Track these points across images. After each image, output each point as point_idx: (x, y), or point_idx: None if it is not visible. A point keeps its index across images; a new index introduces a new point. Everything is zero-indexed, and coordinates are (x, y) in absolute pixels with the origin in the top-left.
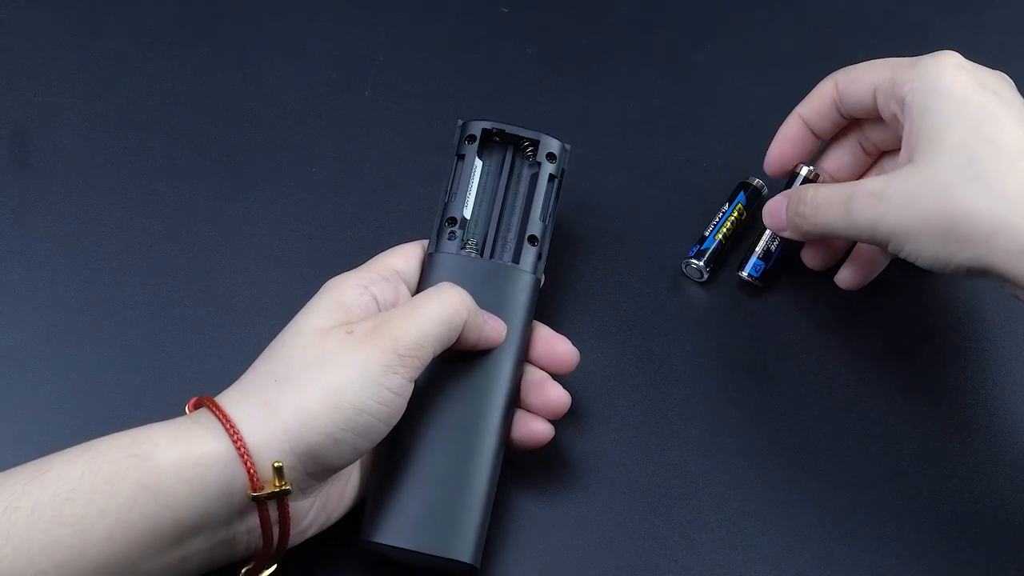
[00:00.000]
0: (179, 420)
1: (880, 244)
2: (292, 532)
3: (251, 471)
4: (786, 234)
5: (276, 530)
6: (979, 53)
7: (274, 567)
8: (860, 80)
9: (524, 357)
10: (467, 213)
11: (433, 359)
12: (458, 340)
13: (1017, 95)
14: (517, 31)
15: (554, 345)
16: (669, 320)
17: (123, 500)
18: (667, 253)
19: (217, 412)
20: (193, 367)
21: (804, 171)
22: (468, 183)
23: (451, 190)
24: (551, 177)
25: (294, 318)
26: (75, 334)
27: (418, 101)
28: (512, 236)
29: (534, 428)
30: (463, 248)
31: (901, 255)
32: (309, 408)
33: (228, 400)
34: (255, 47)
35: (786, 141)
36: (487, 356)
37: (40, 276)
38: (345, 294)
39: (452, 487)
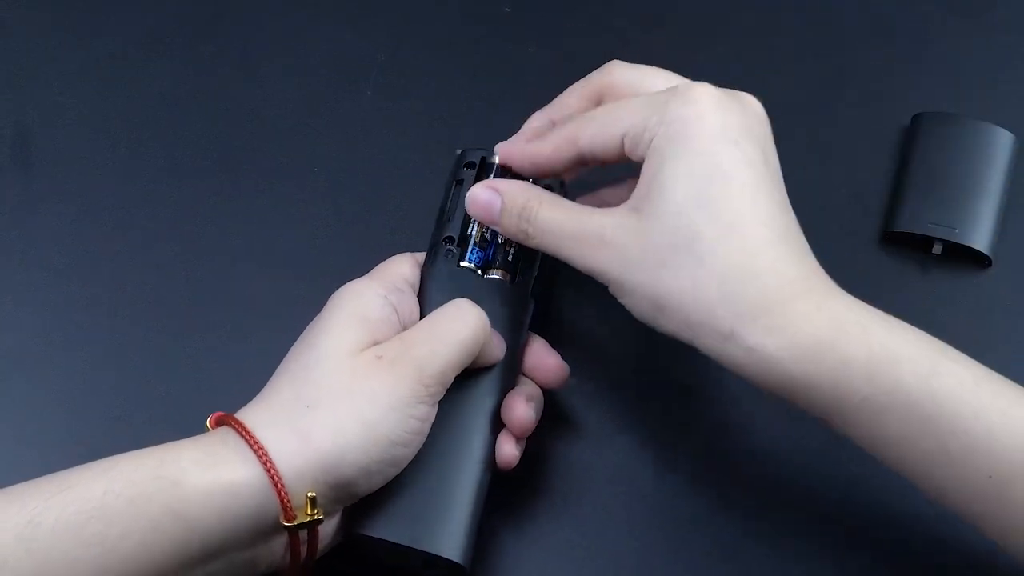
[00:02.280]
0: (205, 440)
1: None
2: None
3: (286, 502)
4: (502, 232)
5: (304, 550)
6: (979, 53)
7: None
8: (608, 129)
9: (517, 371)
10: (467, 231)
11: None
12: None
13: (757, 138)
14: (518, 31)
15: (545, 358)
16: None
17: (147, 523)
18: None
19: (247, 438)
20: (193, 367)
21: (496, 159)
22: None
23: (448, 213)
24: None
25: (316, 331)
26: (75, 334)
27: (419, 101)
28: (510, 254)
29: (502, 450)
30: (459, 265)
31: (620, 302)
32: (345, 441)
33: (257, 422)
34: (255, 47)
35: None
36: (481, 368)
37: (40, 276)
38: (368, 308)
39: (441, 489)
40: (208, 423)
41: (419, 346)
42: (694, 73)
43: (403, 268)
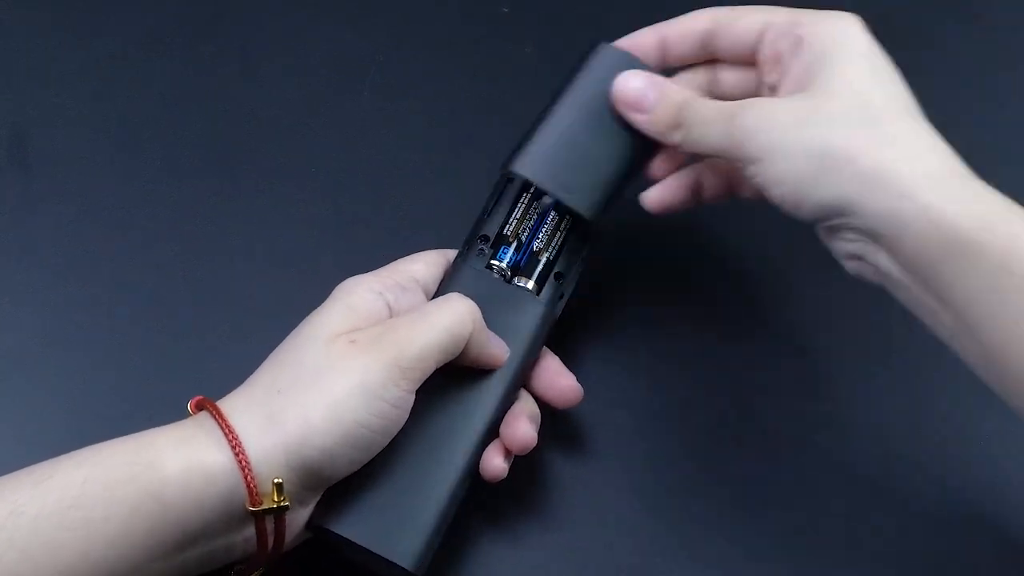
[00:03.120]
0: (182, 425)
1: (745, 160)
2: (288, 539)
3: (251, 486)
4: (645, 127)
5: (271, 540)
6: (979, 53)
7: (262, 570)
8: (747, 17)
9: (518, 386)
10: (503, 231)
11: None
12: (460, 353)
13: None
14: (517, 31)
15: (558, 379)
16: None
17: (127, 507)
18: (666, 254)
19: (220, 422)
20: (193, 367)
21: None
22: (510, 207)
23: (488, 208)
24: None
25: (306, 319)
26: (75, 334)
27: (418, 101)
28: (541, 265)
29: (491, 462)
30: (488, 267)
31: (758, 179)
32: (308, 422)
33: (232, 407)
34: (255, 47)
35: (635, 48)
36: (480, 376)
37: (40, 276)
38: (357, 298)
39: (412, 493)
40: (189, 406)
41: (399, 330)
42: None
43: (415, 266)
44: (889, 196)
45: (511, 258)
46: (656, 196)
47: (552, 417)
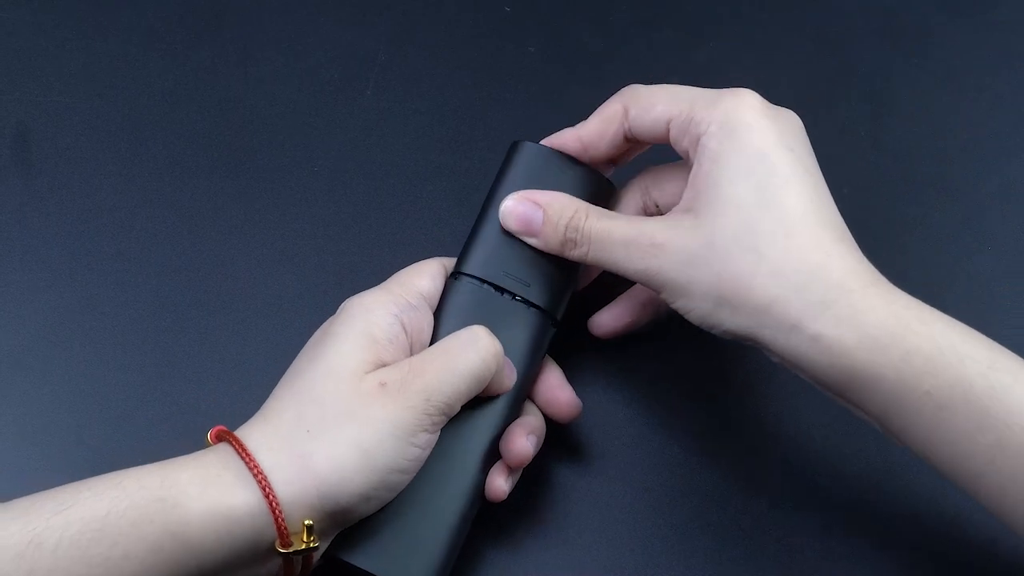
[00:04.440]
0: (206, 460)
1: (653, 289)
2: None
3: (283, 530)
4: (539, 246)
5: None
6: (979, 53)
7: None
8: (654, 108)
9: (522, 401)
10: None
11: None
12: None
13: (807, 147)
14: (519, 30)
15: (558, 392)
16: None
17: (149, 545)
18: None
19: (248, 461)
20: (194, 366)
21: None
22: None
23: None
24: None
25: (323, 348)
26: (77, 334)
27: (419, 100)
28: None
29: (493, 483)
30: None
31: (673, 307)
32: (343, 469)
33: (258, 445)
34: (256, 47)
35: (560, 148)
36: (484, 397)
37: (42, 276)
38: (376, 326)
39: (423, 519)
40: (208, 437)
41: (427, 375)
42: (693, 73)
43: (422, 281)
44: (782, 329)
45: None
46: (604, 321)
47: (557, 430)
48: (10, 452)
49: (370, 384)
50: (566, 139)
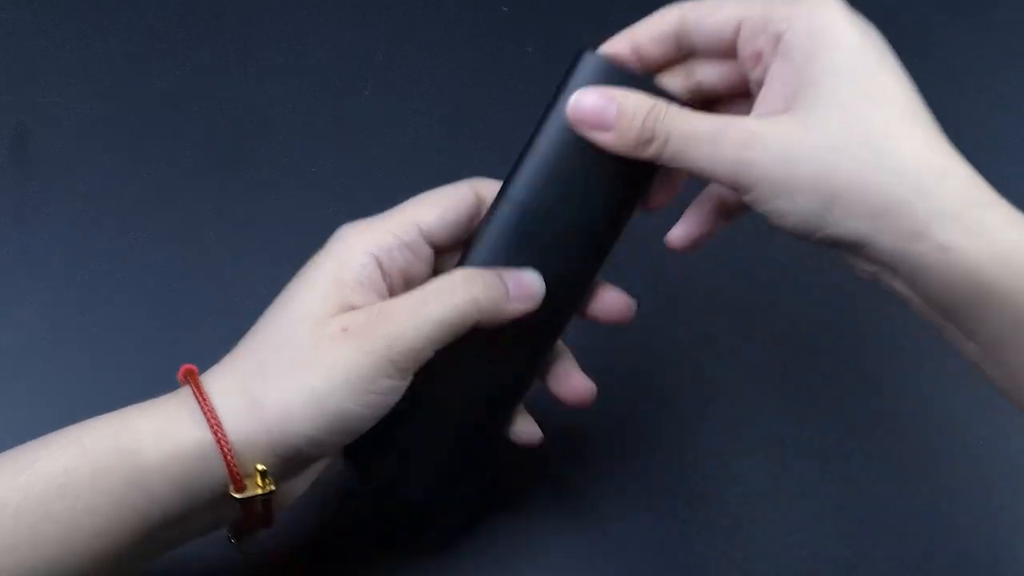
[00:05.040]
0: (164, 404)
1: (740, 190)
2: (278, 512)
3: (235, 474)
4: (613, 147)
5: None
6: (979, 53)
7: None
8: (720, 11)
9: (561, 328)
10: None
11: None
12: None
13: (893, 54)
14: (517, 30)
15: (571, 378)
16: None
17: (110, 497)
18: (666, 254)
19: (202, 403)
20: (194, 365)
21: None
22: None
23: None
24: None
25: (292, 290)
26: (76, 334)
27: (418, 100)
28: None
29: (526, 428)
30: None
31: (763, 210)
32: (290, 412)
33: (217, 388)
34: (256, 47)
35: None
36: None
37: (41, 276)
38: (348, 268)
39: (431, 440)
40: (179, 376)
41: (393, 320)
42: None
43: (423, 215)
44: (903, 236)
45: None
46: (680, 233)
47: (562, 432)
48: None
49: (332, 328)
50: (618, 45)
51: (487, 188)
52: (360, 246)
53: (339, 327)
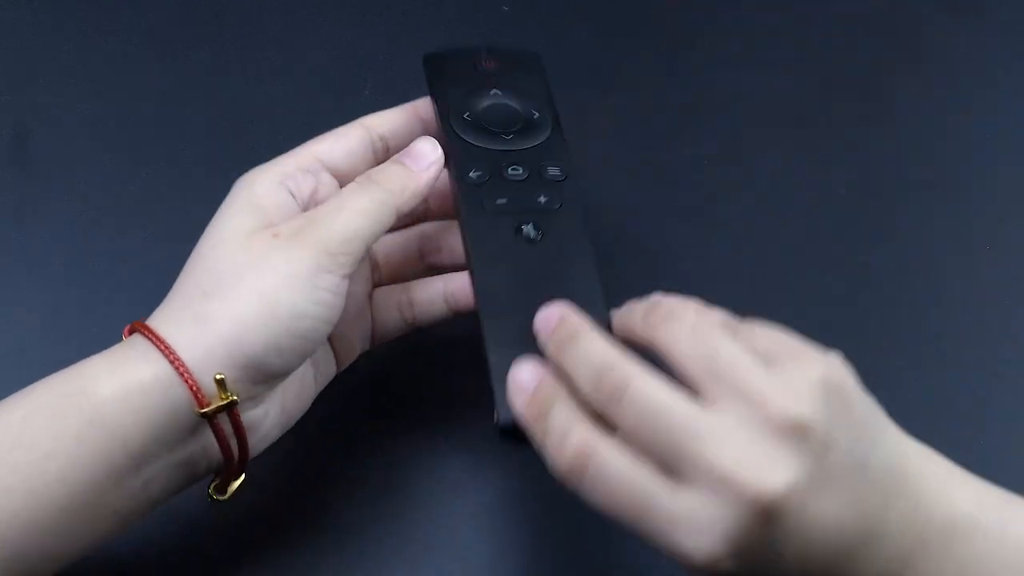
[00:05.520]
0: (115, 349)
1: None
2: (252, 440)
3: (193, 388)
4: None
5: (233, 442)
6: (979, 53)
7: (242, 477)
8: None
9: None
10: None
11: None
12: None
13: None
14: (517, 30)
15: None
16: None
17: (70, 440)
18: (666, 254)
19: (149, 335)
20: None
21: None
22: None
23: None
24: None
25: (209, 226)
26: (75, 334)
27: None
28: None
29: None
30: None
31: None
32: (242, 318)
33: (160, 320)
34: (255, 47)
35: None
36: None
37: (40, 276)
38: (260, 195)
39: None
40: (123, 335)
41: (321, 220)
42: (694, 72)
43: (320, 146)
44: None
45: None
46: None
47: None
48: None
49: (263, 236)
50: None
51: (373, 121)
52: (266, 176)
53: (270, 234)
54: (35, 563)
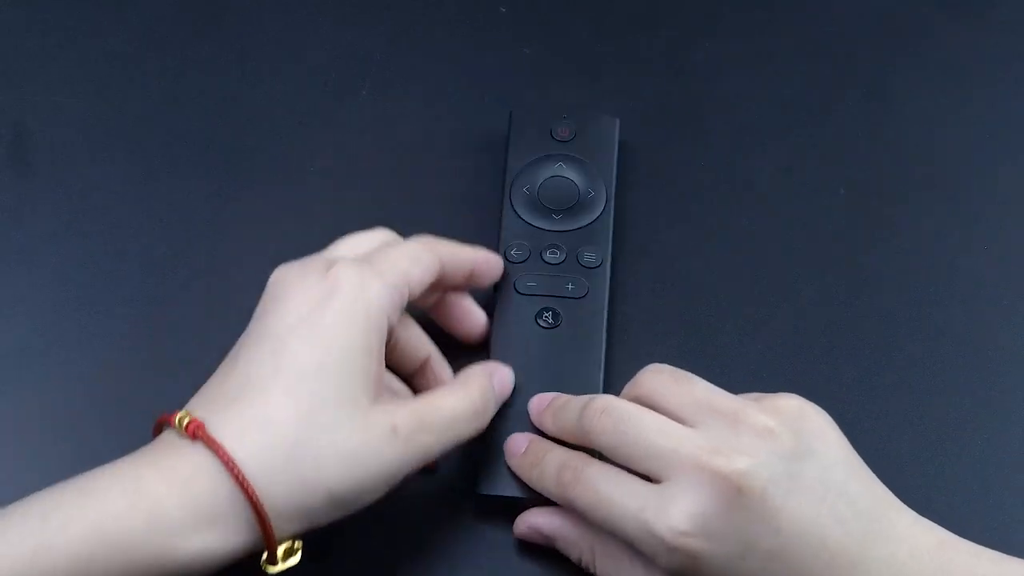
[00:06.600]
0: (179, 466)
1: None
2: None
3: (273, 551)
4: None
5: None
6: (979, 53)
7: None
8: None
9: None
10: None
11: None
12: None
13: None
14: (515, 31)
15: (470, 314)
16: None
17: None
18: (666, 254)
19: (259, 514)
20: (192, 367)
21: None
22: None
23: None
24: None
25: (313, 312)
26: (74, 334)
27: (416, 101)
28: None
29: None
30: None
31: None
32: (333, 500)
33: (255, 466)
34: (254, 47)
35: None
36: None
37: (39, 276)
38: (376, 333)
39: None
40: (179, 424)
41: (430, 431)
42: (694, 73)
43: (412, 271)
44: None
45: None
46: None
47: None
48: (8, 453)
49: (383, 428)
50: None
51: (442, 249)
52: (380, 306)
53: (389, 426)
54: None
